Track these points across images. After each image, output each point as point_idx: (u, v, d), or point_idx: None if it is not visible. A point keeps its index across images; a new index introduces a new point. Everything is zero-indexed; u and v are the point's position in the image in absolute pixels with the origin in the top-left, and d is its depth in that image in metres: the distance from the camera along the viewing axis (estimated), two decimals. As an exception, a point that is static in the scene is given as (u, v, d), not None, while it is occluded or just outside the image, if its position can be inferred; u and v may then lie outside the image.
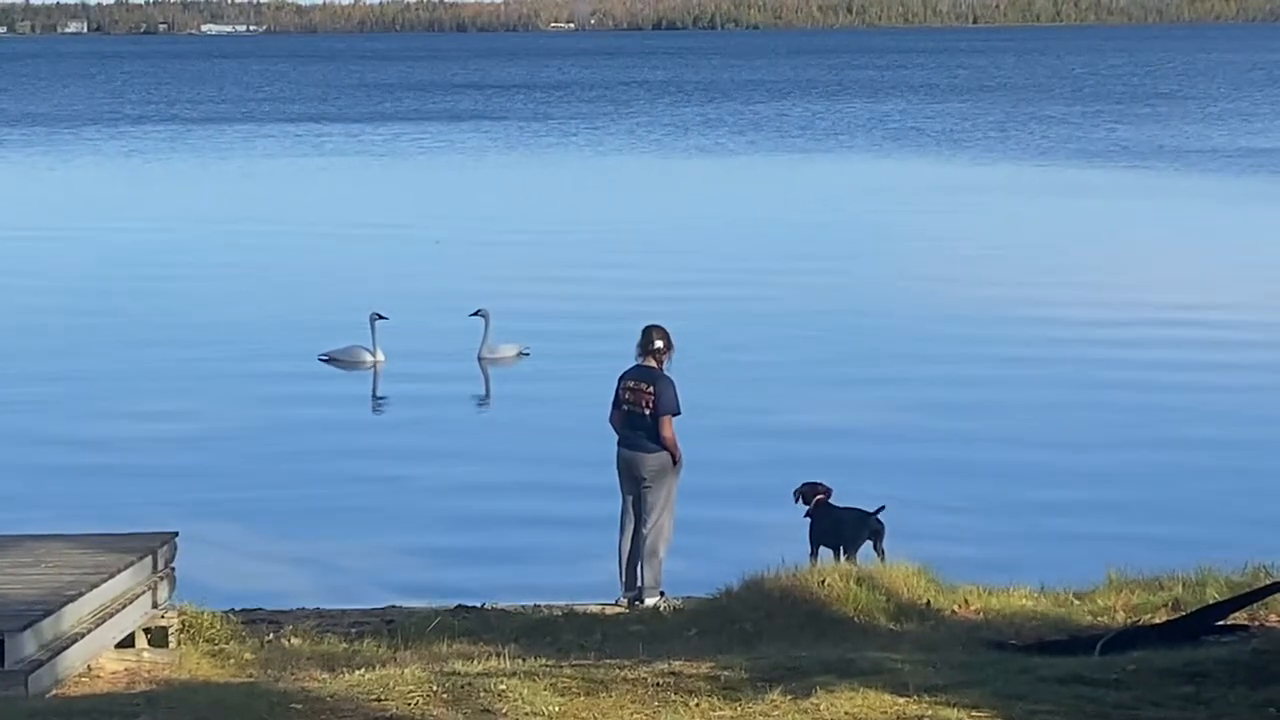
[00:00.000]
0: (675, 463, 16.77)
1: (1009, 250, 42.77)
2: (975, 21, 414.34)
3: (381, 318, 29.35)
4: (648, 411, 16.66)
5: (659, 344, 16.85)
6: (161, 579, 14.21)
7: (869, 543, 16.64)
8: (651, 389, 16.67)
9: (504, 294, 34.92)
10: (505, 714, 10.18)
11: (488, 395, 28.13)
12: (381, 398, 28.09)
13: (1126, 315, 33.30)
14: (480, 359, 29.45)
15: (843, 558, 16.38)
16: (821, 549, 16.66)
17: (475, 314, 29.71)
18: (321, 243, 45.49)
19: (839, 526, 16.69)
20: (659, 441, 16.66)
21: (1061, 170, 62.65)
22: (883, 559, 16.35)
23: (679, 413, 16.74)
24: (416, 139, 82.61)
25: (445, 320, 31.52)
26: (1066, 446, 23.62)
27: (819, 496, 16.93)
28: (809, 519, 16.85)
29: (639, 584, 16.75)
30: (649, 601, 16.54)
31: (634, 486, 16.83)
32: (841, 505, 16.90)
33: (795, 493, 17.09)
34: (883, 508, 16.85)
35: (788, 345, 30.70)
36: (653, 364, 16.84)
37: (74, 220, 51.18)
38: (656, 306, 31.15)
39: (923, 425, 24.74)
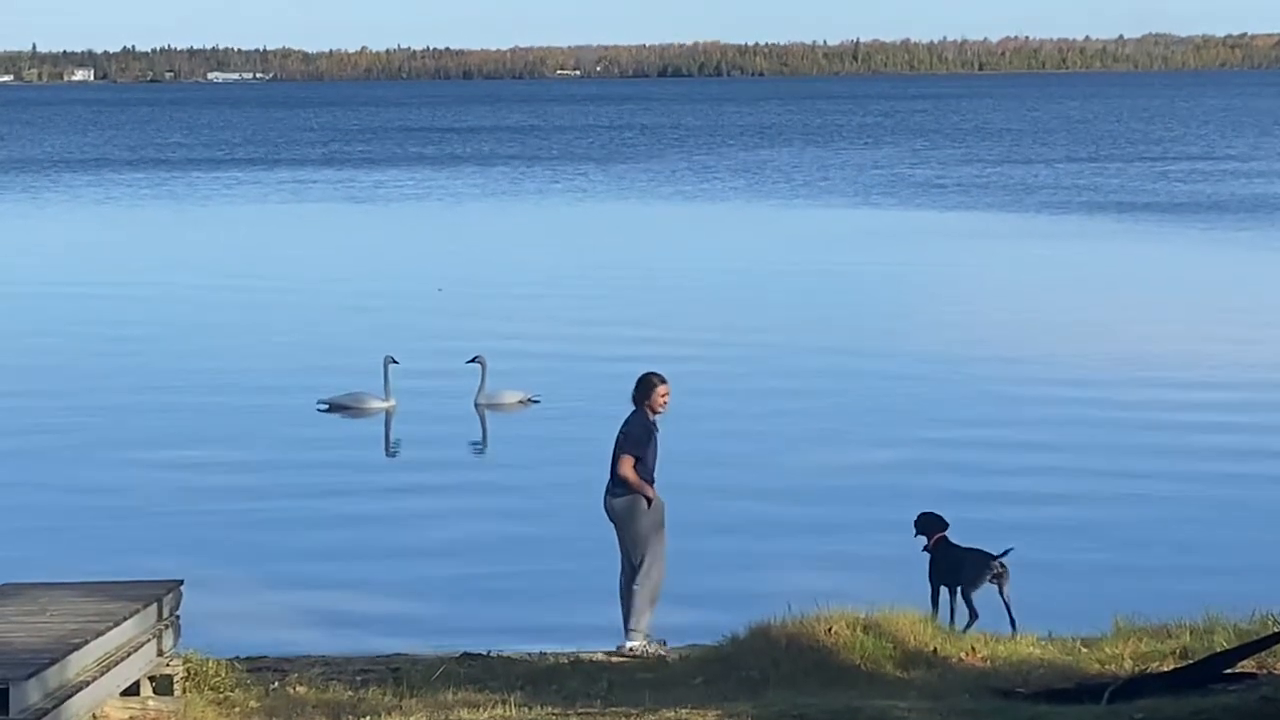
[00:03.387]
0: (650, 504, 16.67)
1: (984, 297, 42.86)
2: (980, 68, 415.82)
3: (394, 362, 29.35)
4: (613, 452, 16.68)
5: (634, 390, 16.81)
6: (166, 627, 14.18)
7: (993, 586, 16.38)
8: (621, 430, 16.69)
9: (512, 338, 35.08)
10: (511, 763, 10.15)
11: (484, 442, 28.08)
12: (391, 442, 28.04)
13: (1130, 361, 33.23)
14: (477, 405, 29.42)
15: (959, 599, 16.24)
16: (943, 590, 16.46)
17: (472, 360, 29.70)
18: (318, 289, 45.53)
19: (959, 566, 16.44)
20: (621, 483, 16.61)
21: (1034, 217, 62.97)
22: (1009, 610, 16.15)
23: (633, 452, 16.48)
24: (399, 185, 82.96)
25: (451, 366, 31.42)
26: (1072, 494, 23.57)
27: (940, 535, 16.70)
28: (929, 555, 16.63)
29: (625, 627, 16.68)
30: (629, 644, 16.43)
31: (615, 530, 16.81)
32: (964, 545, 16.64)
33: (915, 524, 16.80)
34: (1010, 550, 16.59)
35: (789, 395, 30.64)
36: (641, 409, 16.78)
37: (50, 269, 51.16)
38: (660, 349, 31.33)
39: (925, 474, 24.66)
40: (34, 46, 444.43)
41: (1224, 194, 71.40)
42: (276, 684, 15.07)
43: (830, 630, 15.05)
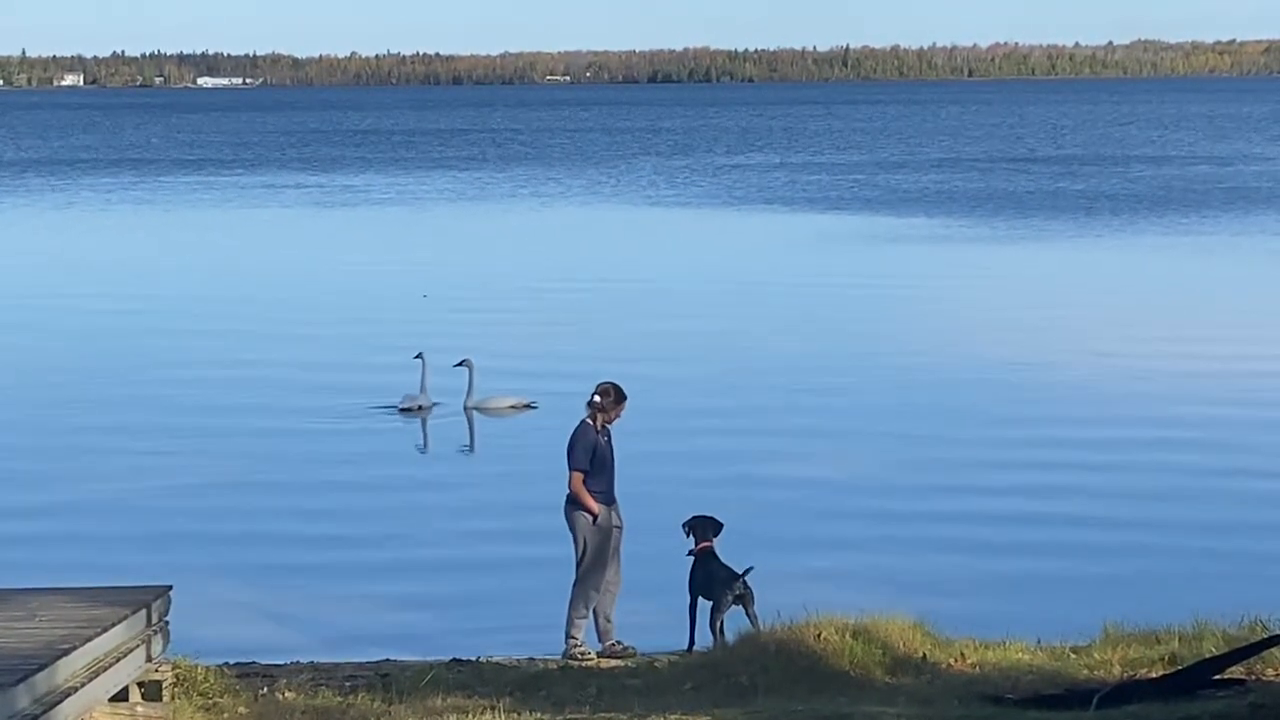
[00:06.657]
0: (590, 514, 16.64)
1: (984, 305, 42.92)
2: (970, 74, 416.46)
3: (418, 357, 29.37)
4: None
5: (598, 398, 16.86)
6: (155, 633, 14.16)
7: (738, 606, 16.42)
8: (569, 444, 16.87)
9: (500, 341, 35.10)
10: (500, 769, 10.15)
11: (472, 445, 28.09)
12: (384, 446, 27.95)
13: (1114, 368, 33.23)
14: (466, 409, 29.42)
15: (713, 615, 16.38)
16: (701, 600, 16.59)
17: (459, 364, 29.70)
18: (304, 294, 45.50)
19: (710, 582, 16.56)
20: (570, 496, 16.74)
21: (992, 220, 63.34)
22: (755, 624, 16.13)
23: (579, 468, 16.63)
24: (366, 190, 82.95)
25: (443, 370, 31.35)
26: (1062, 500, 23.56)
27: (704, 545, 16.75)
28: (691, 560, 16.73)
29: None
30: (564, 648, 16.56)
31: None
32: (721, 561, 16.67)
33: (685, 525, 16.92)
34: (750, 569, 16.55)
35: (773, 398, 30.63)
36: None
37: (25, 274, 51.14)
38: (644, 349, 31.26)
39: (916, 478, 24.68)
40: (23, 51, 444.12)
41: (1198, 197, 71.59)
42: (265, 690, 15.07)
43: (820, 636, 15.06)
